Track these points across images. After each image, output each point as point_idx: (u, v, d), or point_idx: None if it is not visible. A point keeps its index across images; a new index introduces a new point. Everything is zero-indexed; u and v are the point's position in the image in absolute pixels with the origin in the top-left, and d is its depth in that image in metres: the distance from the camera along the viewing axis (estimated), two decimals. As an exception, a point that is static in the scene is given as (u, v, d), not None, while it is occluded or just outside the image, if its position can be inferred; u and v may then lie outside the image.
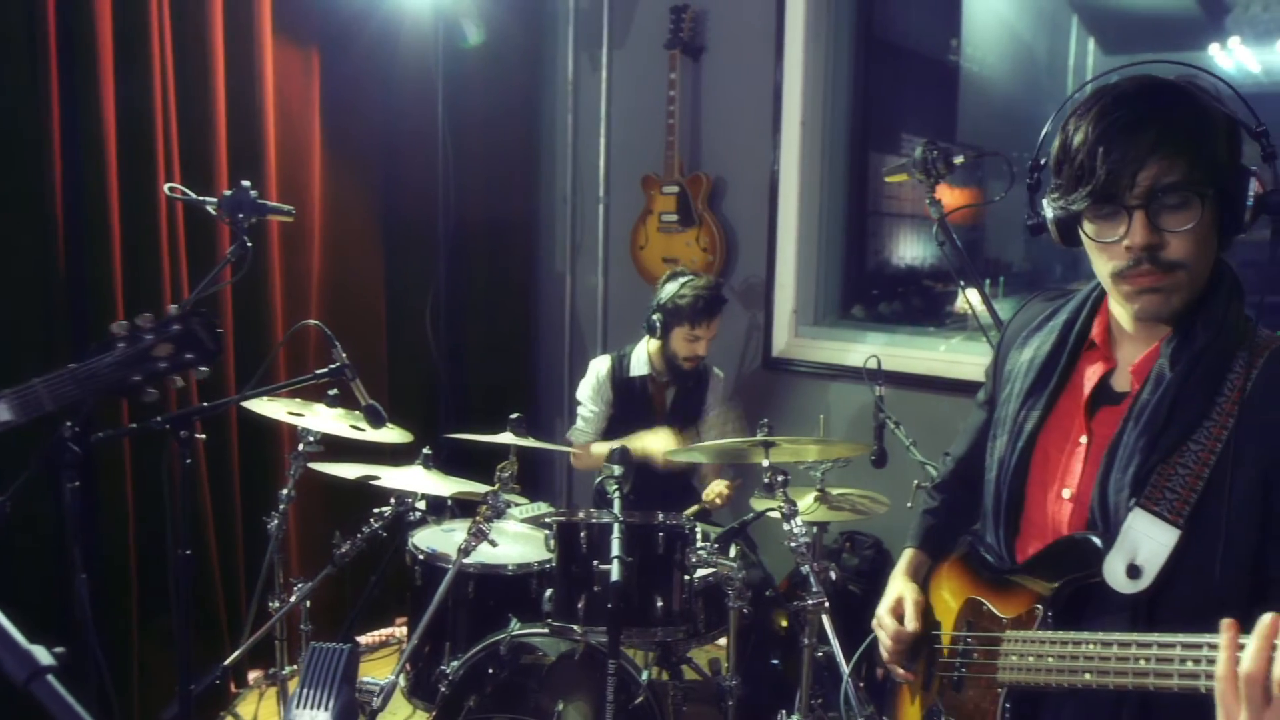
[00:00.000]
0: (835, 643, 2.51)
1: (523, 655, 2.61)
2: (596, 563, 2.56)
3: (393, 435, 2.93)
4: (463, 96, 4.36)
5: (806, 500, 3.03)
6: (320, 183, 3.89)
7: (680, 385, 3.63)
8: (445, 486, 2.92)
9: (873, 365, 3.11)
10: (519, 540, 3.07)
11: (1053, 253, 4.11)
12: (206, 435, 3.08)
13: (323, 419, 2.92)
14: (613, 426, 3.63)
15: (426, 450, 3.02)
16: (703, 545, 2.75)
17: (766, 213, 4.09)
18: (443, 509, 3.26)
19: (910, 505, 2.61)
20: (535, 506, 3.39)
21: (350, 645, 2.40)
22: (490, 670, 2.59)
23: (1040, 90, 4.55)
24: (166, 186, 3.04)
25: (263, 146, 3.58)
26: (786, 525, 2.63)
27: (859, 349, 3.76)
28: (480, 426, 3.05)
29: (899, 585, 1.66)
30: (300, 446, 2.92)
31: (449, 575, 2.61)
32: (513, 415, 2.96)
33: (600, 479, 2.63)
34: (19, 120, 2.94)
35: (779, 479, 2.68)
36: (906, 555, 1.74)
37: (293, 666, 3.06)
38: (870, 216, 4.36)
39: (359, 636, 4.01)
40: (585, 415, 3.65)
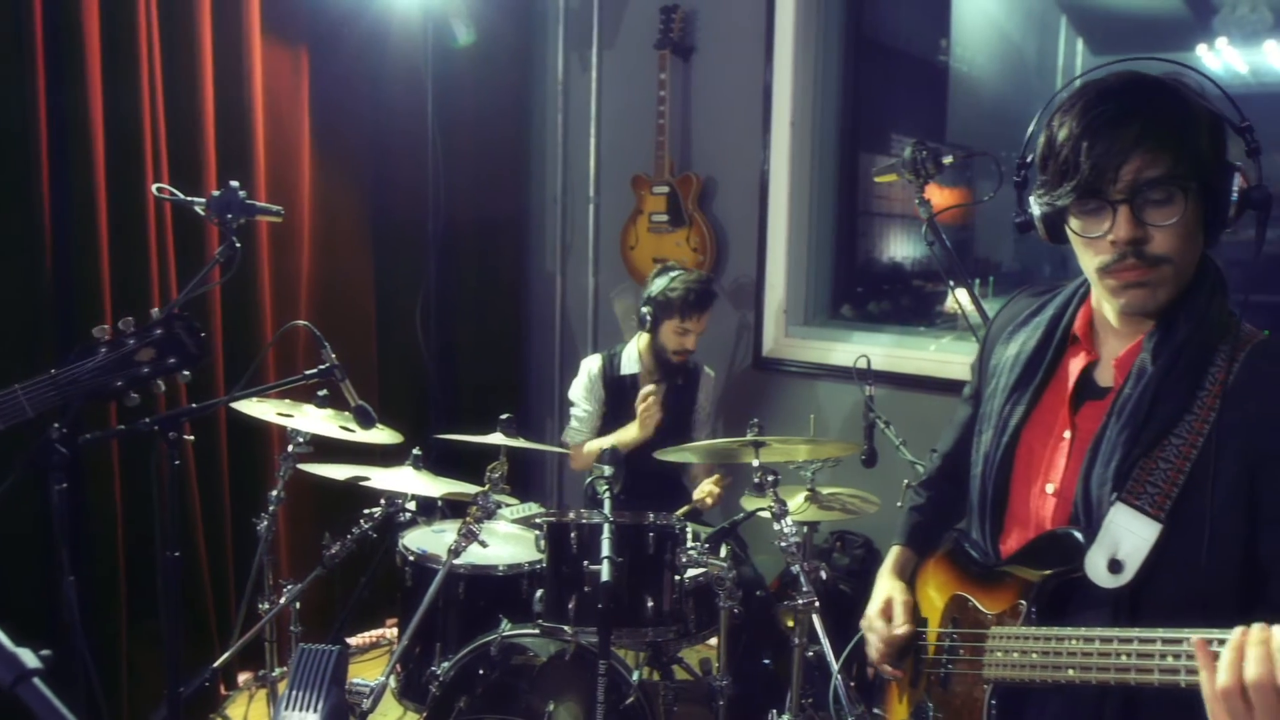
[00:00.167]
0: (826, 642, 2.51)
1: (513, 656, 2.61)
2: (587, 563, 2.56)
3: (383, 436, 2.92)
4: (452, 96, 4.35)
5: (797, 500, 3.03)
6: (309, 183, 3.87)
7: (670, 383, 3.63)
8: (435, 487, 2.91)
9: (863, 365, 3.12)
10: (509, 541, 3.07)
11: (1042, 252, 4.15)
12: (195, 436, 3.08)
13: (312, 420, 2.91)
14: (604, 426, 3.63)
15: (416, 451, 3.02)
16: (693, 545, 2.75)
17: (756, 213, 4.09)
18: (433, 510, 3.25)
19: (900, 505, 2.62)
20: (526, 507, 3.39)
21: (339, 647, 2.39)
22: (481, 671, 2.59)
23: (1029, 90, 4.57)
24: (154, 187, 3.04)
25: (251, 146, 3.56)
26: (777, 525, 2.63)
27: (849, 348, 3.76)
28: (470, 427, 3.05)
29: (887, 585, 1.66)
30: (290, 447, 2.91)
31: (439, 576, 2.61)
32: (503, 416, 2.96)
33: (590, 479, 2.62)
34: (5, 120, 2.92)
35: (769, 479, 2.68)
36: (893, 553, 1.74)
37: (283, 668, 3.05)
38: (860, 216, 4.37)
39: (349, 638, 4.00)
40: (579, 415, 3.65)
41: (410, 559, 2.93)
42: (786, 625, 2.58)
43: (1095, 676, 1.20)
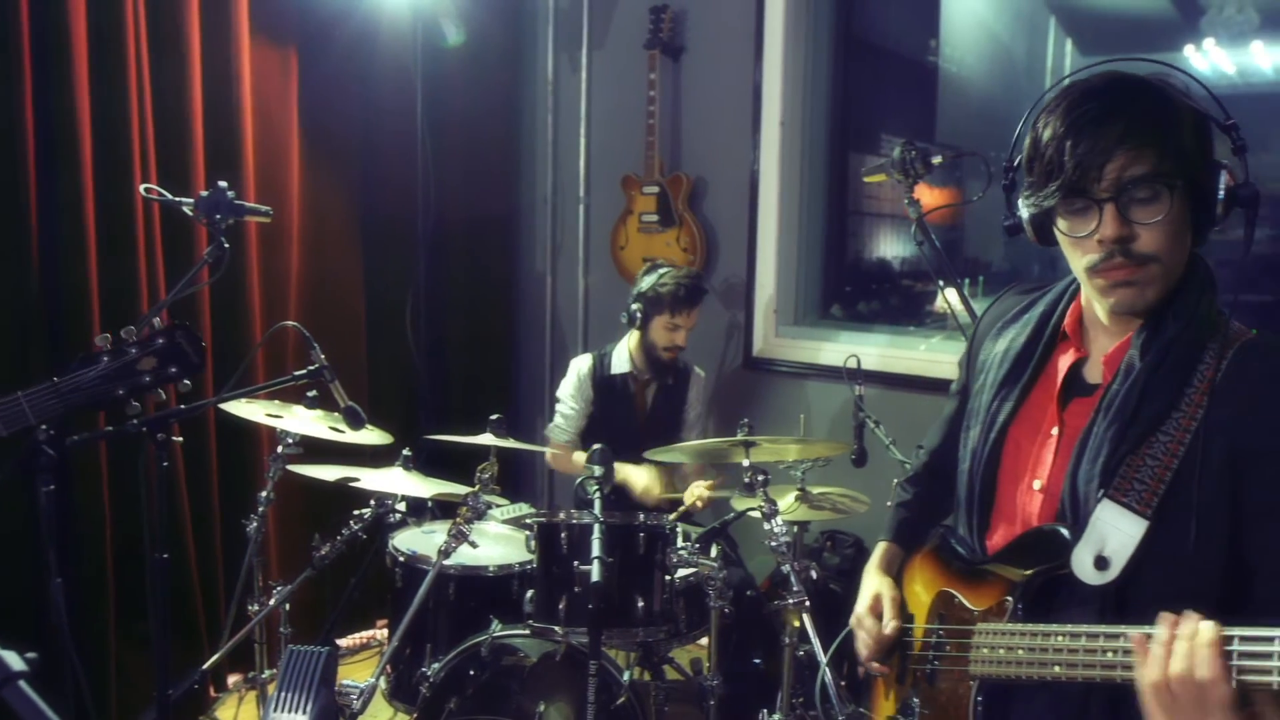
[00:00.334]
0: (816, 641, 2.52)
1: (504, 657, 2.61)
2: (577, 563, 2.55)
3: (372, 437, 2.91)
4: (442, 96, 4.35)
5: (787, 499, 3.04)
6: (299, 183, 3.86)
7: (661, 383, 3.63)
8: (425, 488, 2.91)
9: (853, 364, 3.13)
10: (500, 541, 3.07)
11: (1031, 252, 4.16)
12: (184, 438, 3.06)
13: (302, 421, 2.90)
14: (593, 425, 3.63)
15: (406, 452, 3.01)
16: (683, 545, 2.76)
17: (746, 213, 4.10)
18: (423, 511, 3.24)
19: (890, 504, 2.62)
20: (516, 507, 3.38)
21: (328, 648, 2.39)
22: (471, 672, 2.59)
23: (1018, 91, 4.58)
24: (143, 187, 3.03)
25: (240, 147, 3.55)
26: (767, 525, 2.64)
27: (839, 348, 3.76)
28: (460, 427, 3.04)
29: (874, 581, 1.66)
30: (279, 448, 2.90)
31: (429, 577, 2.60)
32: (493, 416, 2.96)
33: (581, 480, 2.62)
34: (-8, 120, 2.91)
35: (759, 478, 2.69)
36: (880, 548, 1.74)
37: (272, 670, 3.04)
38: (850, 216, 4.37)
39: (339, 639, 3.99)
40: (564, 413, 3.65)
41: (400, 560, 2.93)
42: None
43: (1081, 673, 1.21)
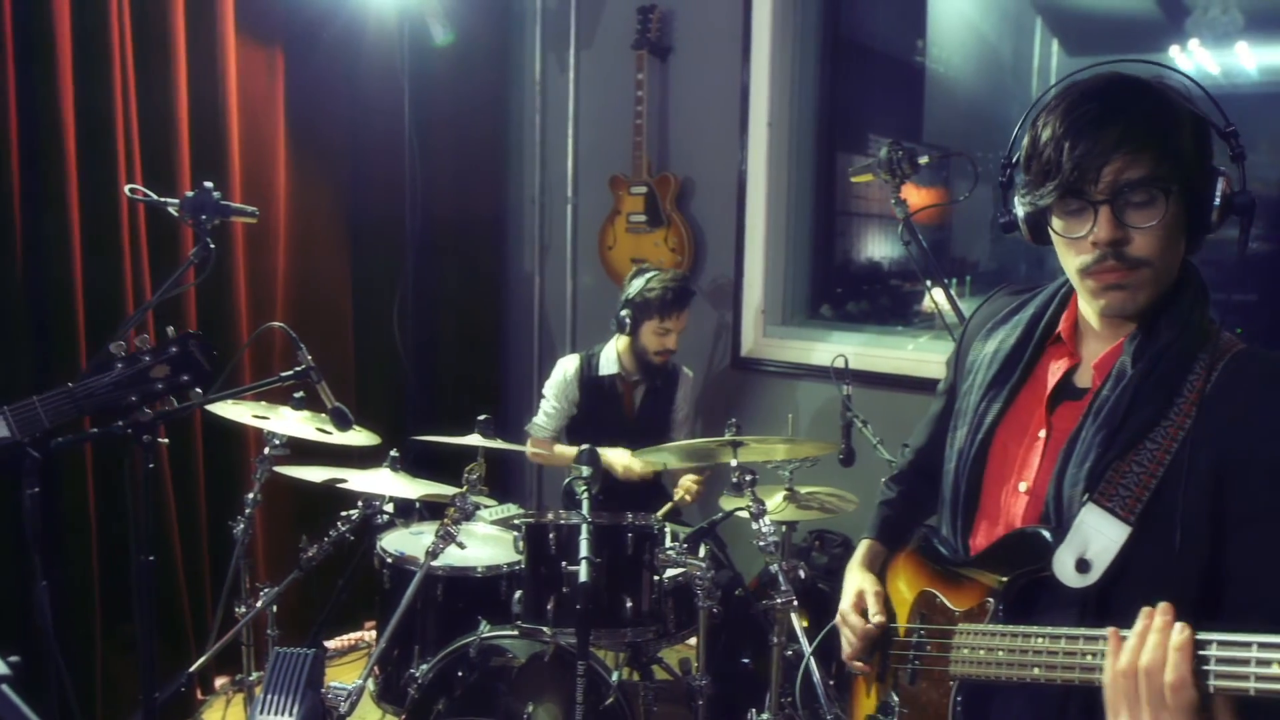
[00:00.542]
0: (804, 641, 2.52)
1: (492, 658, 2.60)
2: (565, 564, 2.55)
3: (360, 438, 2.91)
4: (429, 96, 4.34)
5: (775, 499, 3.04)
6: (285, 183, 3.85)
7: (650, 384, 3.63)
8: (413, 489, 2.90)
9: (840, 364, 3.13)
10: (488, 542, 3.06)
11: (1018, 251, 4.17)
12: (170, 439, 3.04)
13: (288, 422, 2.89)
14: (581, 426, 3.63)
15: (394, 452, 3.00)
16: (672, 545, 2.76)
17: (734, 213, 4.10)
18: (411, 512, 3.24)
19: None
20: (504, 508, 3.37)
21: (314, 650, 2.38)
22: (460, 673, 2.58)
23: (1005, 91, 4.59)
24: (127, 188, 3.01)
25: (226, 147, 3.54)
26: (755, 524, 2.64)
27: (827, 348, 3.77)
28: (448, 428, 3.04)
29: (858, 578, 1.66)
30: (266, 450, 2.89)
31: (417, 578, 2.60)
32: (481, 417, 2.95)
33: (569, 480, 2.62)
34: (-25, 120, 2.89)
35: (747, 478, 2.69)
36: (863, 546, 1.74)
37: (260, 673, 3.03)
38: (838, 216, 4.38)
39: (327, 641, 3.97)
40: (547, 411, 3.65)
41: (388, 561, 2.92)
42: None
43: (1060, 675, 1.21)
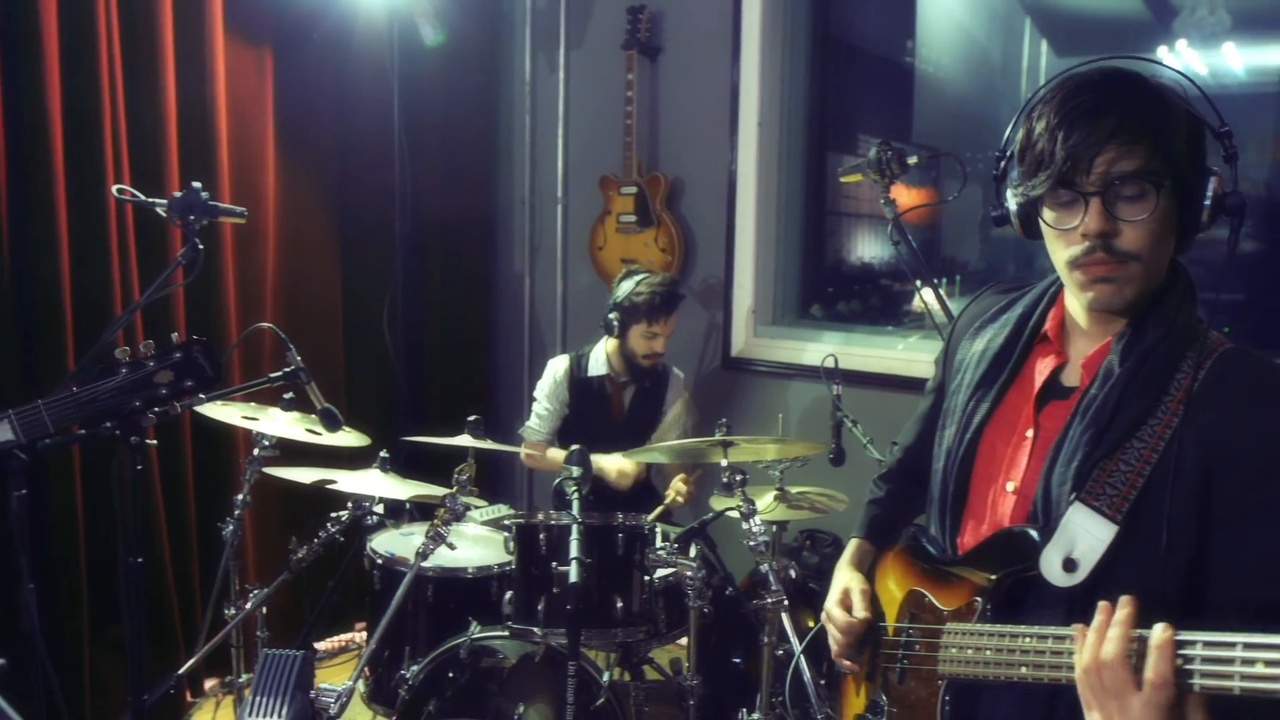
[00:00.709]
0: (795, 640, 2.52)
1: (483, 658, 2.60)
2: (556, 564, 2.55)
3: (349, 438, 2.90)
4: (419, 96, 4.33)
5: (765, 499, 3.04)
6: (274, 183, 3.84)
7: (639, 385, 3.63)
8: (403, 490, 2.89)
9: (830, 364, 3.13)
10: (478, 543, 3.06)
11: (1007, 251, 4.19)
12: (159, 441, 3.04)
13: (278, 423, 2.88)
14: (570, 427, 3.62)
15: (384, 453, 3.00)
16: (662, 545, 2.75)
17: (725, 213, 4.10)
18: (401, 512, 3.23)
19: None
20: (494, 509, 3.38)
21: (303, 651, 2.38)
22: (450, 674, 2.58)
23: (994, 91, 4.61)
24: (115, 188, 2.99)
25: (214, 147, 3.53)
26: (746, 524, 2.64)
27: (817, 348, 3.78)
28: (438, 429, 3.03)
29: (844, 576, 1.67)
30: (255, 451, 2.88)
31: (407, 579, 2.59)
32: (471, 417, 2.95)
33: (559, 480, 2.62)
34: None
35: (738, 478, 2.69)
36: (851, 545, 1.74)
37: (250, 674, 3.02)
38: (828, 216, 4.39)
39: (317, 642, 3.96)
40: (539, 413, 3.64)
41: (378, 562, 2.91)
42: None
43: (1048, 675, 1.21)
